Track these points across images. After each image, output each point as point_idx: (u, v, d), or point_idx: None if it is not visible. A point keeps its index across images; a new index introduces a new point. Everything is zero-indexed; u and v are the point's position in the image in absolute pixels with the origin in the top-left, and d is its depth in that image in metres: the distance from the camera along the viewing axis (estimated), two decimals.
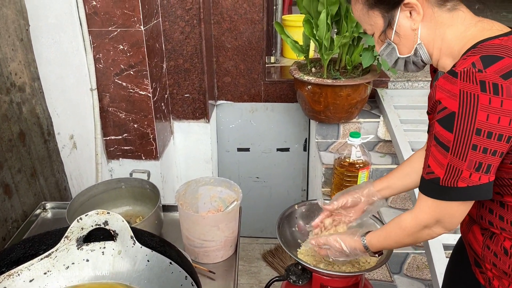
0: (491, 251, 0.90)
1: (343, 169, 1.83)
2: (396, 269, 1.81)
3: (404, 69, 0.96)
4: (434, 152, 0.81)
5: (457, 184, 0.79)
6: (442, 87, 0.77)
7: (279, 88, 2.50)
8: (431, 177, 0.82)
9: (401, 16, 0.87)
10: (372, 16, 0.91)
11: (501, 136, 0.74)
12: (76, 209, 1.21)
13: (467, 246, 1.01)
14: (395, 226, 0.96)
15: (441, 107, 0.77)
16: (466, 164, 0.76)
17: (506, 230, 0.87)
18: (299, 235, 1.29)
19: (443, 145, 0.78)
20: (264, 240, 2.83)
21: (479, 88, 0.72)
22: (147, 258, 0.93)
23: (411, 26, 0.88)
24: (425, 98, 2.34)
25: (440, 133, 0.79)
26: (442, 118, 0.77)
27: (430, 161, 0.82)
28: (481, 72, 0.73)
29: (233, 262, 1.16)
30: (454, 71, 0.76)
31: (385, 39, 0.93)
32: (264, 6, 2.29)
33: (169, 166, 2.26)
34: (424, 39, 0.89)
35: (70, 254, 0.93)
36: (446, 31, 0.86)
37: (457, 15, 0.86)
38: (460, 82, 0.74)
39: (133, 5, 1.69)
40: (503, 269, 0.88)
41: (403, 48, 0.92)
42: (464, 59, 0.78)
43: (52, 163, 1.43)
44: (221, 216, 1.10)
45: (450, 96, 0.75)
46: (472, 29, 0.84)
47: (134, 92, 1.85)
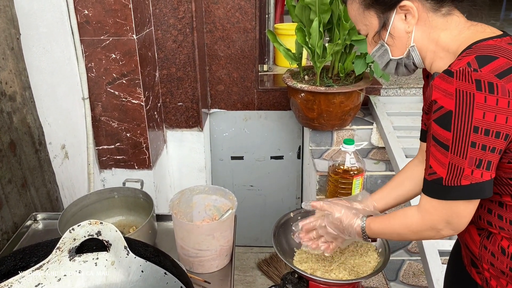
0: (488, 251, 0.91)
1: (338, 176, 1.83)
2: (392, 276, 1.80)
3: (395, 72, 0.97)
4: (434, 152, 0.81)
5: (460, 182, 0.79)
6: (438, 87, 0.78)
7: (272, 96, 2.50)
8: (434, 178, 0.82)
9: (396, 18, 0.89)
10: (368, 16, 0.92)
11: (499, 134, 0.75)
12: (68, 220, 1.19)
13: (463, 247, 1.01)
14: (400, 220, 0.94)
15: (438, 107, 0.78)
16: (467, 162, 0.77)
17: (504, 229, 0.87)
18: (295, 243, 1.28)
19: (442, 144, 0.79)
20: (259, 249, 2.81)
21: (475, 87, 0.74)
22: (141, 268, 0.92)
23: (406, 28, 0.89)
24: (418, 105, 2.36)
25: (438, 133, 0.79)
26: (439, 117, 0.78)
27: (431, 162, 0.82)
28: (476, 71, 0.74)
29: (228, 272, 1.14)
30: (450, 71, 0.77)
31: (379, 40, 0.93)
32: (257, 15, 2.30)
33: (163, 175, 2.24)
34: (417, 42, 0.90)
35: (62, 265, 0.91)
36: (440, 35, 0.88)
37: (451, 20, 0.87)
38: (456, 81, 0.75)
39: (125, 14, 1.68)
40: (500, 268, 0.89)
41: (396, 50, 0.92)
42: (459, 59, 0.80)
43: (44, 173, 1.41)
44: (216, 225, 1.09)
45: (446, 95, 0.76)
46: (466, 32, 0.86)
47: (126, 101, 1.84)
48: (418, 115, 2.27)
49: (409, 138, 2.08)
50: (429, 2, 0.86)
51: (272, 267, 2.53)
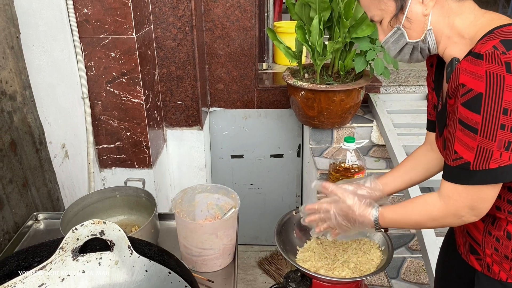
0: (493, 236, 0.92)
1: (339, 174, 1.83)
2: (394, 274, 1.80)
3: (409, 57, 0.96)
4: (460, 136, 0.81)
5: (489, 166, 0.79)
6: (466, 70, 0.78)
7: (272, 94, 2.50)
8: (460, 163, 0.82)
9: (413, 1, 0.88)
10: (384, 0, 0.91)
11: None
12: (70, 219, 1.19)
13: (463, 234, 1.01)
14: (419, 207, 0.92)
15: (466, 90, 0.78)
16: (496, 144, 0.77)
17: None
18: (298, 241, 1.28)
19: (471, 128, 0.79)
20: (259, 248, 2.81)
21: (505, 69, 0.74)
22: (145, 268, 0.91)
23: (423, 11, 0.89)
24: (417, 102, 2.36)
25: (465, 116, 0.79)
26: (468, 100, 0.78)
27: (457, 147, 0.82)
28: (505, 54, 0.75)
29: (231, 270, 1.14)
30: (478, 53, 0.77)
31: (395, 24, 0.92)
32: (256, 13, 2.29)
33: (163, 174, 2.24)
34: (434, 26, 0.90)
35: (66, 265, 0.91)
36: (455, 19, 0.88)
37: (465, 5, 0.88)
38: (485, 64, 0.76)
39: (124, 13, 1.67)
40: (505, 253, 0.90)
41: (413, 33, 0.91)
42: (482, 43, 0.80)
43: (44, 172, 1.40)
44: (219, 224, 1.08)
45: (475, 78, 0.77)
46: (482, 19, 0.86)
47: (126, 99, 1.83)
48: (418, 112, 2.27)
49: (409, 136, 2.08)
50: None
51: (273, 266, 2.53)
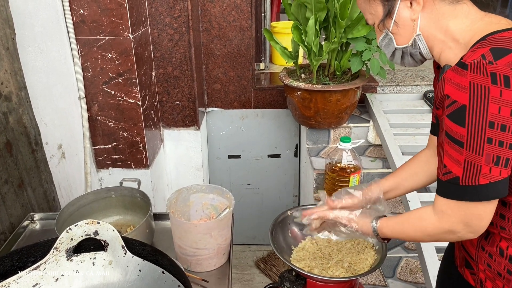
0: (485, 251, 0.89)
1: (335, 174, 1.83)
2: (390, 273, 1.81)
3: (400, 61, 0.95)
4: (448, 150, 0.78)
5: (479, 181, 0.75)
6: (451, 80, 0.75)
7: (269, 94, 2.51)
8: (450, 178, 0.78)
9: (401, 6, 0.86)
10: (373, 4, 0.90)
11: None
12: (65, 220, 1.19)
13: (459, 247, 0.99)
14: (415, 223, 0.90)
15: (450, 101, 0.75)
16: (484, 159, 0.73)
17: (505, 230, 0.85)
18: (292, 240, 1.28)
19: (457, 141, 0.75)
20: (257, 247, 2.82)
21: (490, 80, 0.71)
22: (139, 268, 0.92)
23: (411, 16, 0.87)
24: (414, 102, 2.37)
25: (451, 129, 0.76)
26: (453, 112, 0.75)
27: (446, 160, 0.79)
28: (491, 64, 0.71)
29: (226, 270, 1.15)
30: (464, 63, 0.74)
31: (383, 28, 0.92)
32: (253, 13, 2.30)
33: (160, 174, 2.24)
34: (423, 31, 0.87)
35: (60, 265, 0.91)
36: (449, 23, 0.84)
37: (460, 8, 0.84)
38: (470, 74, 0.72)
39: (121, 13, 1.68)
40: (497, 270, 0.87)
41: (401, 38, 0.90)
42: (473, 51, 0.76)
43: (40, 173, 1.40)
44: (214, 224, 1.09)
45: (459, 89, 0.73)
46: (479, 23, 0.82)
47: (123, 100, 1.84)
48: (415, 112, 2.27)
49: (406, 136, 2.08)
50: None
51: (270, 265, 2.54)
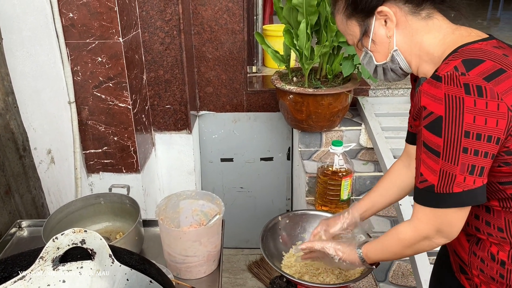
0: (477, 257, 0.90)
1: (326, 177, 1.83)
2: (382, 277, 1.81)
3: (384, 77, 0.97)
4: (424, 159, 0.80)
5: (452, 189, 0.77)
6: (427, 92, 0.77)
7: (261, 97, 2.50)
8: (425, 186, 0.81)
9: (376, 24, 0.89)
10: (350, 26, 0.93)
11: (490, 138, 0.73)
12: (53, 227, 1.18)
13: (452, 253, 1.00)
14: (393, 238, 0.94)
15: (427, 113, 0.77)
16: (459, 168, 0.75)
17: (493, 236, 0.86)
18: (283, 246, 1.28)
19: (433, 151, 0.78)
20: (250, 251, 2.81)
21: (464, 91, 0.73)
22: (126, 277, 0.90)
23: (386, 33, 0.89)
24: (405, 105, 2.37)
25: (429, 139, 0.78)
26: (429, 123, 0.77)
27: (422, 169, 0.81)
28: (464, 75, 0.74)
29: (216, 277, 1.14)
30: (438, 76, 0.76)
31: (362, 47, 0.94)
32: (244, 17, 2.29)
33: (151, 179, 2.23)
34: (400, 46, 0.90)
35: (46, 275, 0.90)
36: (423, 38, 0.87)
37: (432, 23, 0.87)
38: (444, 86, 0.74)
39: (111, 17, 1.66)
40: (490, 274, 0.88)
41: (379, 55, 0.93)
42: (446, 64, 0.79)
43: (28, 179, 1.39)
44: (203, 231, 1.08)
45: (435, 101, 0.75)
46: (451, 36, 0.85)
47: (113, 104, 1.82)
48: (406, 115, 2.27)
49: (397, 139, 2.09)
50: (407, 6, 0.87)
51: (263, 269, 2.53)
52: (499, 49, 0.80)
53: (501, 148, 0.77)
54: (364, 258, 1.01)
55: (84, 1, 1.63)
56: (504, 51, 0.80)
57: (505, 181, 0.81)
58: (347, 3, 0.91)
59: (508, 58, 0.78)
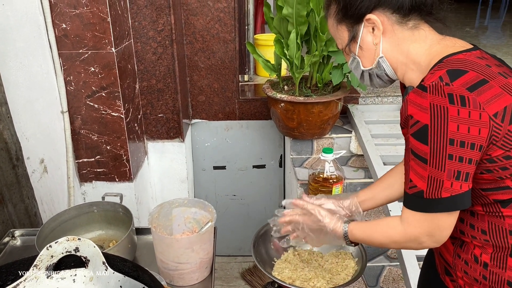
0: (462, 259, 0.93)
1: (318, 184, 1.86)
2: (373, 282, 1.83)
3: (370, 83, 1.00)
4: (413, 166, 0.83)
5: (441, 195, 0.80)
6: (413, 102, 0.81)
7: (253, 105, 2.53)
8: (415, 191, 0.84)
9: (364, 31, 0.93)
10: (340, 31, 0.97)
11: (473, 145, 0.77)
12: (46, 236, 1.18)
13: (438, 256, 1.03)
14: (383, 230, 0.96)
15: (414, 121, 0.80)
16: (446, 174, 0.79)
17: (476, 238, 0.90)
18: (275, 253, 1.30)
19: (421, 158, 0.81)
20: (243, 259, 2.82)
21: (448, 101, 0.76)
22: (119, 284, 0.92)
23: (373, 40, 0.93)
24: (394, 113, 2.41)
25: (416, 147, 0.81)
26: (416, 131, 0.80)
27: (412, 175, 0.84)
28: (448, 85, 0.77)
29: (209, 284, 1.15)
30: (423, 86, 0.80)
31: (350, 52, 0.98)
32: (236, 26, 2.33)
33: (144, 187, 2.24)
34: (386, 54, 0.93)
35: (40, 283, 0.91)
36: (409, 47, 0.91)
37: (418, 33, 0.91)
38: (429, 96, 0.78)
39: (103, 28, 1.69)
40: (474, 276, 0.91)
41: (366, 61, 0.97)
42: (431, 73, 0.82)
43: (21, 188, 1.39)
44: (195, 238, 1.10)
45: (421, 110, 0.79)
46: (437, 46, 0.89)
47: (106, 113, 1.84)
48: (396, 122, 2.32)
49: (387, 146, 2.12)
50: (394, 16, 0.90)
51: (256, 277, 2.54)
52: (482, 60, 0.83)
53: (483, 156, 0.80)
54: (348, 233, 1.02)
55: (77, 12, 1.66)
56: (487, 61, 0.84)
57: (487, 188, 0.85)
58: (338, 8, 0.95)
59: (491, 69, 0.81)
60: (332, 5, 0.97)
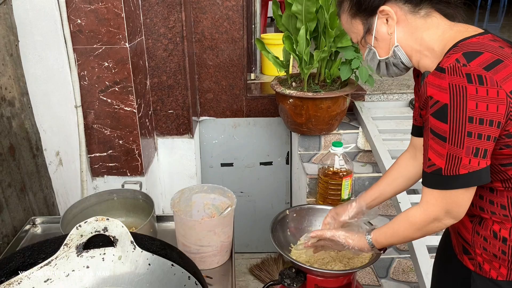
0: (480, 236, 0.96)
1: (328, 177, 1.88)
2: (383, 273, 1.85)
3: (387, 72, 1.04)
4: (432, 144, 0.87)
5: (459, 171, 0.84)
6: (432, 83, 0.85)
7: (261, 103, 2.56)
8: (433, 169, 0.87)
9: (378, 23, 0.97)
10: (355, 24, 1.01)
11: (492, 122, 0.81)
12: (69, 221, 1.21)
13: (455, 235, 1.06)
14: (403, 222, 0.99)
15: (433, 102, 0.84)
16: (464, 151, 0.82)
17: (496, 214, 0.93)
18: (291, 238, 1.32)
19: (440, 136, 0.85)
20: (250, 255, 2.83)
21: (466, 80, 0.80)
22: (148, 262, 0.94)
23: (388, 30, 0.97)
24: (401, 109, 2.45)
25: (435, 126, 0.85)
26: (436, 111, 0.84)
27: (430, 154, 0.88)
28: (465, 66, 0.81)
29: (229, 267, 1.18)
30: (442, 67, 0.84)
31: (366, 44, 1.02)
32: (244, 25, 2.37)
33: (154, 183, 2.26)
34: (401, 42, 0.98)
35: (70, 261, 0.93)
36: (423, 34, 0.95)
37: (431, 21, 0.95)
38: (448, 77, 0.82)
39: (118, 23, 1.72)
40: (493, 252, 0.95)
41: (382, 51, 1.01)
42: (447, 57, 0.86)
43: (41, 178, 1.42)
44: (217, 221, 1.12)
45: (440, 90, 0.83)
46: (450, 32, 0.93)
47: (119, 108, 1.87)
48: (402, 118, 2.35)
49: (394, 141, 2.16)
50: (407, 6, 0.95)
51: (264, 271, 2.56)
52: (495, 42, 0.88)
53: (502, 132, 0.83)
54: (374, 243, 1.06)
55: (92, 8, 1.69)
56: (499, 43, 0.88)
57: (506, 163, 0.88)
58: (351, 3, 1.00)
59: (504, 50, 0.85)
60: (345, 1, 1.01)
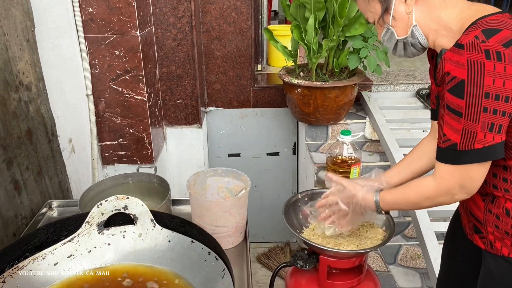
0: (493, 214, 0.98)
1: (336, 166, 1.90)
2: (391, 260, 1.88)
3: (404, 52, 1.05)
4: (448, 120, 0.89)
5: (474, 146, 0.86)
6: (450, 59, 0.86)
7: (268, 93, 2.58)
8: (448, 144, 0.89)
9: (396, 2, 0.99)
10: (372, 5, 1.02)
11: (508, 98, 0.82)
12: (86, 204, 1.23)
13: (466, 215, 1.08)
14: (414, 189, 1.01)
15: (451, 77, 0.86)
16: (480, 126, 0.84)
17: (509, 191, 0.95)
18: (304, 221, 1.34)
19: (456, 112, 0.86)
20: (257, 245, 2.85)
21: (484, 56, 0.82)
22: (168, 239, 0.96)
23: (406, 10, 0.98)
24: (408, 100, 2.47)
25: (452, 101, 0.87)
26: (453, 87, 0.86)
27: (445, 130, 0.90)
28: (484, 42, 0.83)
29: (243, 248, 1.20)
30: (460, 44, 0.85)
31: (384, 24, 1.03)
32: (252, 15, 2.38)
33: (163, 172, 2.27)
34: (419, 22, 0.99)
35: (92, 238, 0.96)
36: (441, 13, 0.96)
37: (449, 0, 0.96)
38: (466, 53, 0.83)
39: (129, 12, 1.74)
40: (505, 229, 0.97)
41: (400, 30, 1.02)
42: (466, 34, 0.88)
43: (56, 163, 1.44)
44: (233, 202, 1.14)
45: (458, 66, 0.84)
46: (467, 11, 0.94)
47: (130, 97, 1.89)
48: (409, 108, 2.37)
49: (402, 130, 2.17)
50: None
51: (272, 259, 2.58)
52: None
53: None
54: (380, 200, 1.07)
55: None
56: None
57: None
58: None
59: None
60: None
